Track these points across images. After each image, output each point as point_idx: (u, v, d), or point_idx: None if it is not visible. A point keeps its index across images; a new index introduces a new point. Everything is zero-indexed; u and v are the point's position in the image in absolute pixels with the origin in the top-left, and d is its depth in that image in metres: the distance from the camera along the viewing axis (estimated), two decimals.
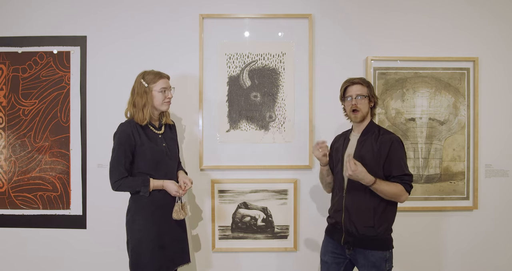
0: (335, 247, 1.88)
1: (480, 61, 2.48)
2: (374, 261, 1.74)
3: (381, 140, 1.78)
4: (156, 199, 1.91)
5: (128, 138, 1.87)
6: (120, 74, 2.46)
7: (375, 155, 1.77)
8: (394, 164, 1.75)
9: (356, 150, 1.83)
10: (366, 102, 1.85)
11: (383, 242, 1.77)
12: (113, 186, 1.88)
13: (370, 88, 1.88)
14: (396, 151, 1.76)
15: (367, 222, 1.74)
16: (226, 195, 2.47)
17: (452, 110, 2.47)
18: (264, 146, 2.46)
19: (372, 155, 1.77)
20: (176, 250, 1.95)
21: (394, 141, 1.77)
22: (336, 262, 1.88)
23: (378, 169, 1.76)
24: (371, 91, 1.87)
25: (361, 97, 1.83)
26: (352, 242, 1.79)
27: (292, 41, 2.46)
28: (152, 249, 1.85)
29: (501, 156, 2.50)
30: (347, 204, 1.81)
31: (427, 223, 2.50)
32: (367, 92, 1.85)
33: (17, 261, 2.50)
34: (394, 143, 1.77)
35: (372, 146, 1.79)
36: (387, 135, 1.81)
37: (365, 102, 1.84)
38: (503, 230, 2.52)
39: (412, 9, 2.49)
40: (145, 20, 2.46)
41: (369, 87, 1.87)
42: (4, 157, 2.48)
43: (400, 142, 1.80)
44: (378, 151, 1.77)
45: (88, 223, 2.48)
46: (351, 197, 1.80)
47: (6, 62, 2.47)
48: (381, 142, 1.78)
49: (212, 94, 2.46)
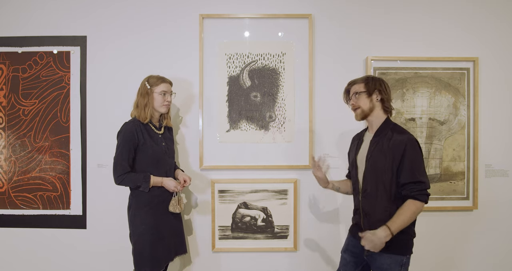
0: (355, 247, 1.84)
1: (480, 61, 2.48)
2: (389, 264, 1.68)
3: (394, 142, 1.67)
4: (155, 194, 2.05)
5: (132, 136, 2.00)
6: (120, 74, 2.46)
7: (388, 159, 1.66)
8: (403, 170, 1.64)
9: (369, 151, 1.75)
10: (364, 97, 1.76)
11: (399, 246, 1.68)
12: (117, 180, 2.00)
13: (369, 84, 1.76)
14: (407, 154, 1.63)
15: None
16: (226, 195, 2.47)
17: (452, 110, 2.47)
18: (264, 146, 2.46)
19: (385, 159, 1.67)
20: (174, 241, 2.12)
21: (407, 143, 1.64)
22: (354, 261, 1.86)
23: (392, 175, 1.67)
24: (371, 86, 1.76)
25: (358, 94, 1.78)
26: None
27: (292, 41, 2.46)
28: (153, 241, 2.01)
29: (501, 156, 2.50)
30: (364, 206, 1.77)
31: (427, 223, 2.50)
32: (364, 87, 1.76)
33: (17, 261, 2.50)
34: (407, 145, 1.64)
35: (384, 148, 1.69)
36: (399, 136, 1.67)
37: (363, 97, 1.76)
38: (503, 230, 2.52)
39: (412, 9, 2.49)
40: (145, 20, 2.46)
41: (367, 83, 1.77)
42: (4, 157, 2.48)
43: (414, 143, 1.66)
44: (391, 154, 1.66)
45: (88, 223, 2.48)
46: (367, 200, 1.75)
47: (6, 62, 2.47)
48: (394, 144, 1.66)
49: (212, 94, 2.46)
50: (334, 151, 2.47)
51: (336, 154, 2.47)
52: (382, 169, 1.68)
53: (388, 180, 1.68)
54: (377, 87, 1.76)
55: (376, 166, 1.70)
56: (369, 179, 1.73)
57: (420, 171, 1.64)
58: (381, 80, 1.79)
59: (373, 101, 1.76)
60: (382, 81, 1.79)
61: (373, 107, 1.77)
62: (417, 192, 1.62)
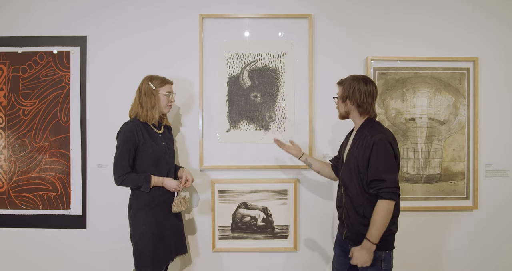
0: (342, 241, 1.92)
1: (480, 61, 2.48)
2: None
3: (367, 142, 1.73)
4: (156, 195, 2.05)
5: (132, 136, 1.99)
6: (120, 74, 2.46)
7: (361, 158, 1.73)
8: (369, 168, 1.69)
9: (349, 149, 1.85)
10: (340, 102, 1.86)
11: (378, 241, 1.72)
12: (117, 181, 1.99)
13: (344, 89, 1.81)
14: (374, 153, 1.68)
15: (362, 221, 1.74)
16: (226, 195, 2.47)
17: (452, 110, 2.47)
18: (264, 145, 2.46)
19: (359, 157, 1.74)
20: (175, 241, 2.12)
21: (376, 143, 1.68)
22: (344, 256, 1.91)
23: (365, 172, 1.72)
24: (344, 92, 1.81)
25: (335, 97, 1.91)
26: (351, 237, 1.81)
27: (292, 41, 2.46)
28: (154, 241, 2.01)
29: (501, 156, 2.50)
30: (345, 201, 1.83)
31: (427, 223, 2.50)
32: (341, 92, 1.84)
33: (17, 261, 2.50)
34: (375, 144, 1.69)
35: (359, 148, 1.76)
36: (372, 136, 1.72)
37: (339, 101, 1.87)
38: (503, 230, 2.52)
39: (412, 9, 2.49)
40: (145, 20, 2.46)
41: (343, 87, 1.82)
42: (4, 157, 2.48)
43: (384, 142, 1.68)
44: (363, 153, 1.72)
45: (88, 223, 2.48)
46: (347, 195, 1.81)
47: (6, 62, 2.47)
48: (366, 143, 1.72)
49: (212, 94, 2.46)
50: (334, 151, 2.47)
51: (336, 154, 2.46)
52: (356, 166, 1.75)
53: (359, 178, 1.75)
54: (350, 93, 1.79)
55: (351, 163, 1.78)
56: (346, 175, 1.82)
57: (385, 169, 1.66)
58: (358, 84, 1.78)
59: (348, 105, 1.84)
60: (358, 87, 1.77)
61: (348, 110, 1.86)
62: (381, 190, 1.65)
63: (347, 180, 1.81)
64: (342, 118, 1.92)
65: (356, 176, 1.76)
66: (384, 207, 1.65)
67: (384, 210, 1.64)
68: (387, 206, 1.65)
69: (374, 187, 1.68)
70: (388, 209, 1.65)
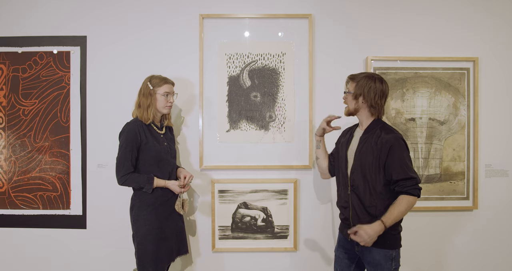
0: (346, 243, 1.90)
1: (480, 61, 2.48)
2: (380, 259, 1.74)
3: (381, 141, 1.72)
4: (158, 195, 2.05)
5: (134, 135, 2.00)
6: (120, 74, 2.46)
7: (375, 157, 1.73)
8: (393, 168, 1.69)
9: (358, 148, 1.81)
10: (351, 98, 1.82)
11: (389, 240, 1.75)
12: (120, 180, 1.99)
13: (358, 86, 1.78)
14: (395, 152, 1.69)
15: (372, 220, 1.71)
16: (226, 195, 2.47)
17: (452, 110, 2.47)
18: (264, 146, 2.46)
19: (372, 157, 1.73)
20: (176, 241, 2.13)
21: (394, 142, 1.70)
22: (348, 258, 1.90)
23: (379, 172, 1.73)
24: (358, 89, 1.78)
25: (346, 93, 1.85)
26: None
27: (292, 41, 2.46)
28: (156, 241, 2.02)
29: (501, 156, 2.50)
30: (353, 201, 1.80)
31: (427, 223, 2.50)
32: (353, 88, 1.80)
33: (17, 261, 2.50)
34: (394, 144, 1.70)
35: (372, 146, 1.74)
36: (387, 135, 1.73)
37: (349, 97, 1.83)
38: (503, 230, 2.52)
39: (412, 9, 2.49)
40: (145, 20, 2.46)
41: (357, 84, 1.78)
42: (4, 157, 2.48)
43: (401, 142, 1.73)
44: (378, 152, 1.72)
45: (88, 223, 2.48)
46: (355, 194, 1.79)
47: (6, 62, 2.47)
48: (381, 143, 1.72)
49: (212, 94, 2.46)
50: None
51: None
52: (369, 165, 1.74)
53: (373, 176, 1.74)
54: (364, 92, 1.77)
55: (363, 163, 1.76)
56: (356, 174, 1.79)
57: (409, 168, 1.71)
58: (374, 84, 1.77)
59: (359, 103, 1.81)
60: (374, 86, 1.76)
61: (358, 108, 1.83)
62: (410, 187, 1.68)
63: (357, 180, 1.78)
64: (348, 115, 1.88)
65: (370, 176, 1.74)
66: (410, 202, 1.69)
67: (409, 204, 1.68)
68: (413, 202, 1.69)
69: (402, 185, 1.69)
70: (412, 204, 1.70)
